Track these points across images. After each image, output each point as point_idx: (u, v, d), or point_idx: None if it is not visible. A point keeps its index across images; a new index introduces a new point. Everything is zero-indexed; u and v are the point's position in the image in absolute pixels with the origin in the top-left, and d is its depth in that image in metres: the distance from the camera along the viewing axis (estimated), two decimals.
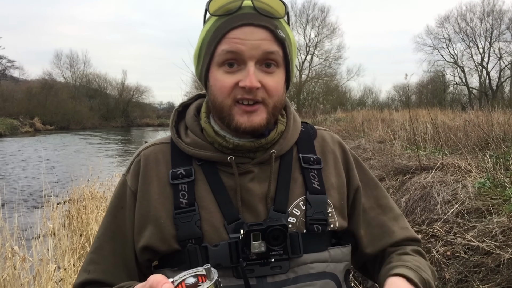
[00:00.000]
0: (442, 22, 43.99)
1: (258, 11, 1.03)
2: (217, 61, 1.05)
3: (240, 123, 1.05)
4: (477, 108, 15.81)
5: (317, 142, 1.22)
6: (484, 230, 4.21)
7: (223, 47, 1.03)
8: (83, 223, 6.16)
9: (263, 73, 1.04)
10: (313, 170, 1.15)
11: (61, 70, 65.41)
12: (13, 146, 25.99)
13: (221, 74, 1.05)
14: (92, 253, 1.13)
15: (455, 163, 6.43)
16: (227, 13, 1.04)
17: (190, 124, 1.17)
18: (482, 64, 42.54)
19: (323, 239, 1.10)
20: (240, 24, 1.02)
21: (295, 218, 1.08)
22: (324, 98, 40.92)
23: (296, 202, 1.10)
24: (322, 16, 43.44)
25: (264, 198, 1.08)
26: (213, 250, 1.02)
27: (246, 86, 1.01)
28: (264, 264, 1.02)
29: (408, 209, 5.52)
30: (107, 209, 1.17)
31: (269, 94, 1.05)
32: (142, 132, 45.38)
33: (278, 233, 0.99)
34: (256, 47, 1.01)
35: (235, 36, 1.02)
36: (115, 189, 1.18)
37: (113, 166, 14.27)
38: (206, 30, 1.08)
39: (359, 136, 13.31)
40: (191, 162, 1.12)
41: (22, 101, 49.28)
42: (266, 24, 1.03)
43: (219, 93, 1.05)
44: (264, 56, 1.03)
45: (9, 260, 3.86)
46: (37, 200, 9.53)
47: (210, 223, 1.05)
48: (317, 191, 1.12)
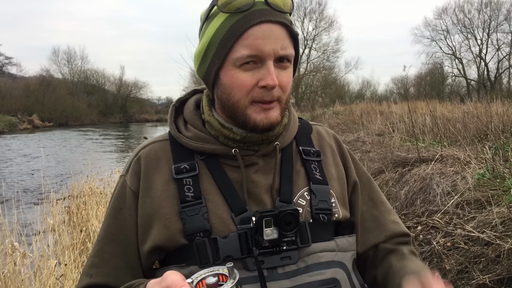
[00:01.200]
0: (440, 13, 43.98)
1: (272, 7, 1.00)
2: (234, 60, 1.01)
3: (258, 121, 1.04)
4: (476, 99, 15.81)
5: (314, 136, 1.23)
6: (484, 221, 4.22)
7: (242, 51, 0.99)
8: (83, 218, 6.16)
9: (279, 70, 1.03)
10: (314, 162, 1.16)
11: (58, 66, 65.38)
12: (12, 143, 25.97)
13: (239, 73, 1.01)
14: (93, 257, 1.11)
15: (454, 154, 6.44)
16: (239, 9, 1.00)
17: (190, 118, 1.15)
18: (480, 55, 42.55)
19: (329, 228, 1.11)
20: (259, 21, 0.99)
21: (301, 208, 1.08)
22: (323, 92, 40.89)
23: (300, 193, 1.10)
24: (320, 9, 43.38)
25: (269, 189, 1.08)
26: (222, 241, 1.01)
27: (268, 85, 0.99)
28: (275, 252, 1.01)
29: (408, 201, 5.52)
30: (107, 211, 1.14)
31: (283, 90, 1.04)
32: (141, 128, 45.36)
33: (290, 217, 0.99)
34: (274, 46, 0.99)
35: (254, 34, 0.99)
36: (114, 190, 1.16)
37: (112, 161, 14.27)
38: (217, 28, 1.03)
39: (358, 129, 13.31)
40: (193, 157, 1.11)
41: (20, 98, 49.16)
42: (282, 20, 1.01)
43: (237, 92, 1.03)
44: (281, 55, 1.01)
45: (9, 256, 3.86)
46: (37, 196, 9.53)
47: (217, 216, 1.04)
48: (320, 181, 1.13)
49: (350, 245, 1.14)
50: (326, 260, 1.06)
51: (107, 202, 7.10)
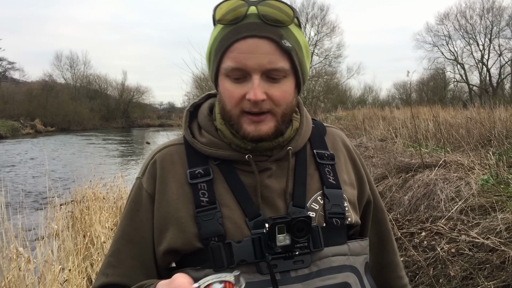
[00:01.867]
0: (441, 19, 43.97)
1: (263, 20, 1.01)
2: (224, 72, 1.04)
3: (248, 132, 1.05)
4: (478, 105, 15.79)
5: (328, 139, 1.24)
6: (489, 227, 4.21)
7: (229, 62, 1.02)
8: (86, 224, 6.17)
9: (269, 84, 1.03)
10: (328, 166, 1.17)
11: (61, 71, 65.57)
12: (14, 147, 26.01)
13: (229, 84, 1.04)
14: (109, 257, 1.13)
15: (457, 160, 6.43)
16: (232, 21, 1.02)
17: (204, 124, 1.17)
18: (482, 61, 42.52)
19: (341, 232, 1.12)
20: (244, 36, 1.00)
21: (314, 212, 1.09)
22: (325, 97, 40.84)
23: (314, 197, 1.11)
24: (322, 15, 43.39)
25: (282, 194, 1.09)
26: (237, 246, 1.02)
27: (250, 99, 1.01)
28: (288, 258, 1.02)
29: (412, 206, 5.52)
30: (123, 213, 1.16)
31: (275, 103, 1.04)
32: (143, 133, 45.36)
33: (302, 225, 1.00)
34: (260, 61, 1.00)
35: (239, 49, 1.00)
36: (130, 192, 1.18)
37: (115, 166, 14.28)
38: (214, 37, 1.07)
39: (361, 134, 13.30)
40: (208, 162, 1.12)
41: (23, 103, 49.30)
42: (270, 36, 1.00)
43: (228, 102, 1.06)
44: (268, 70, 1.01)
45: (14, 261, 3.87)
46: (40, 201, 9.54)
47: (231, 220, 1.06)
48: (333, 185, 1.14)
49: (362, 249, 1.15)
50: (338, 264, 1.07)
51: (110, 207, 7.13)
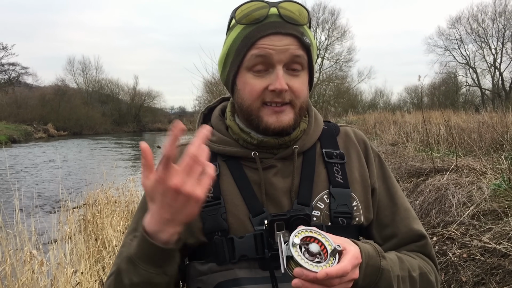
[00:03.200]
0: (453, 23, 43.71)
1: (284, 19, 1.06)
2: (247, 65, 1.08)
3: (269, 123, 1.08)
4: (491, 109, 15.65)
5: (340, 138, 1.25)
6: (501, 232, 4.18)
7: (253, 52, 1.06)
8: (98, 227, 6.22)
9: (290, 76, 1.08)
10: (336, 165, 1.18)
11: (73, 76, 66.19)
12: (28, 151, 26.29)
13: (250, 78, 1.08)
14: (122, 247, 1.14)
15: (469, 165, 6.39)
16: (254, 21, 1.07)
17: (215, 124, 1.22)
18: (495, 65, 42.15)
19: (348, 232, 1.11)
20: (269, 32, 1.05)
21: (319, 211, 1.10)
22: (335, 101, 40.78)
23: (320, 196, 1.12)
24: (332, 19, 43.35)
25: (288, 192, 1.11)
26: (239, 241, 1.05)
27: (276, 89, 1.04)
28: None
29: (423, 211, 5.49)
30: (136, 212, 1.20)
31: (295, 95, 1.08)
32: (154, 137, 45.57)
33: (301, 222, 1.01)
34: (284, 51, 1.05)
35: (264, 43, 1.06)
36: None
37: (127, 170, 14.35)
38: (234, 38, 1.11)
39: (372, 138, 13.27)
40: (216, 159, 1.15)
41: (36, 107, 49.87)
42: (293, 32, 1.06)
43: (248, 96, 1.09)
44: (291, 59, 1.06)
45: (27, 264, 3.92)
46: (53, 204, 9.64)
47: (235, 216, 1.08)
48: (341, 184, 1.14)
49: None
50: None
51: (122, 211, 7.18)
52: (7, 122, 41.57)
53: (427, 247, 1.20)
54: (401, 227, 1.20)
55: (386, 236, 1.20)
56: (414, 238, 1.20)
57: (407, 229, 1.20)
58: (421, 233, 1.21)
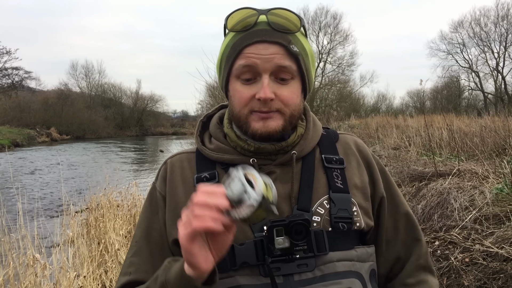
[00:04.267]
0: (456, 27, 43.72)
1: (273, 27, 1.07)
2: (235, 74, 1.10)
3: (256, 128, 1.09)
4: (493, 113, 15.63)
5: (340, 145, 1.25)
6: (503, 236, 4.17)
7: (239, 62, 1.08)
8: (100, 231, 6.23)
9: (278, 84, 1.08)
10: (336, 170, 1.18)
11: (76, 80, 66.60)
12: (30, 155, 26.35)
13: (239, 86, 1.10)
14: (131, 257, 1.16)
15: (471, 169, 6.39)
16: (243, 29, 1.09)
17: (213, 131, 1.23)
18: (497, 68, 42.09)
19: (349, 237, 1.12)
20: (255, 41, 1.07)
21: (319, 217, 1.10)
22: (338, 105, 40.69)
23: (320, 201, 1.12)
24: (335, 23, 43.42)
25: (287, 198, 1.11)
26: (239, 248, 1.05)
27: (261, 98, 1.06)
28: (289, 260, 1.04)
29: (425, 215, 5.48)
30: (141, 216, 1.21)
31: (284, 103, 1.09)
32: (157, 141, 45.68)
33: (300, 227, 1.02)
34: (269, 60, 1.06)
35: (249, 51, 1.07)
36: (147, 197, 1.23)
37: (130, 174, 14.39)
38: (225, 45, 1.13)
39: (374, 142, 13.25)
40: (215, 167, 1.17)
41: (39, 111, 50.08)
42: (279, 40, 1.07)
43: (237, 103, 1.11)
44: (277, 69, 1.07)
45: (30, 267, 3.93)
46: (56, 208, 9.66)
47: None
48: (341, 190, 1.15)
49: (368, 255, 1.15)
50: (343, 269, 1.07)
51: (124, 215, 7.19)
52: (10, 126, 41.74)
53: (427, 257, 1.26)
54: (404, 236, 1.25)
55: (389, 244, 1.24)
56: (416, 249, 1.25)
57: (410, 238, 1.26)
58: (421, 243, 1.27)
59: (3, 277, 3.88)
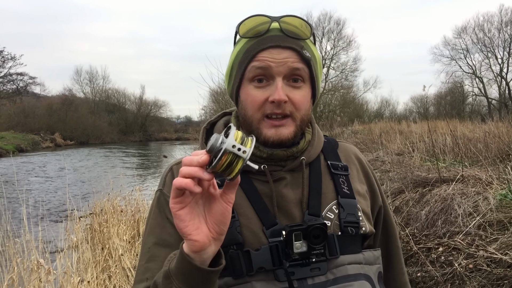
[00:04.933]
0: (459, 32, 43.66)
1: (285, 33, 1.10)
2: (248, 77, 1.11)
3: (268, 136, 1.11)
4: (497, 119, 15.59)
5: (341, 152, 1.29)
6: (507, 242, 4.16)
7: (253, 64, 1.10)
8: (104, 236, 6.24)
9: (290, 88, 1.10)
10: (342, 176, 1.21)
11: (81, 86, 66.81)
12: (35, 161, 26.43)
13: (252, 89, 1.11)
14: (146, 263, 1.14)
15: (475, 175, 6.37)
16: (256, 35, 1.11)
17: None
18: (501, 74, 42.01)
19: (356, 241, 1.15)
20: (269, 46, 1.09)
21: (329, 221, 1.12)
22: (341, 111, 40.63)
23: (329, 206, 1.15)
24: (338, 29, 43.40)
25: (298, 203, 1.13)
26: (255, 254, 1.06)
27: (275, 99, 1.07)
28: (305, 264, 1.05)
29: (429, 221, 5.47)
30: (151, 223, 1.19)
31: (296, 107, 1.11)
32: (160, 146, 45.74)
33: (318, 231, 1.04)
34: (283, 63, 1.08)
35: (264, 55, 1.09)
36: (153, 203, 1.21)
37: (133, 179, 14.42)
38: (237, 51, 1.15)
39: (377, 148, 13.23)
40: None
41: (43, 117, 50.29)
42: (292, 46, 1.09)
43: (250, 107, 1.12)
44: (290, 72, 1.09)
45: (34, 272, 3.95)
46: (60, 213, 9.69)
47: (249, 229, 1.09)
48: (348, 195, 1.18)
49: (375, 258, 1.18)
50: (353, 272, 1.10)
51: (128, 220, 7.20)
52: (15, 131, 41.91)
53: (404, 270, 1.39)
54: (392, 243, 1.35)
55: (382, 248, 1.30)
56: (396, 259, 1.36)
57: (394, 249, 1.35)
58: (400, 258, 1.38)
59: (8, 281, 3.90)
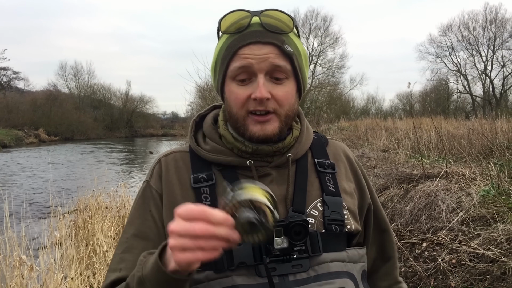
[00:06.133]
0: (444, 30, 44.07)
1: (266, 28, 1.09)
2: (230, 75, 1.11)
3: (253, 132, 1.10)
4: (481, 116, 15.80)
5: (329, 149, 1.28)
6: (489, 238, 4.22)
7: (235, 63, 1.09)
8: (88, 233, 6.20)
9: (273, 84, 1.09)
10: (328, 174, 1.20)
11: (65, 81, 66.12)
12: (18, 156, 26.10)
13: (234, 87, 1.11)
14: (122, 253, 1.13)
15: (459, 171, 6.44)
16: (237, 31, 1.10)
17: (208, 132, 1.22)
18: (485, 72, 42.54)
19: (341, 239, 1.14)
20: (249, 42, 1.08)
21: (314, 219, 1.12)
22: (328, 107, 40.81)
23: (313, 204, 1.14)
24: (325, 26, 43.56)
25: (283, 199, 1.12)
26: (237, 249, 1.05)
27: (257, 97, 1.06)
28: (286, 261, 1.05)
29: (413, 217, 5.53)
30: (133, 213, 1.18)
31: (279, 104, 1.10)
32: (146, 142, 45.48)
33: (299, 228, 1.04)
34: (264, 60, 1.07)
35: (244, 52, 1.08)
36: (139, 194, 1.21)
37: (118, 176, 14.30)
38: (220, 47, 1.14)
39: (363, 145, 13.31)
40: (211, 168, 1.16)
41: (27, 112, 49.62)
42: (272, 41, 1.08)
43: (234, 104, 1.11)
44: (272, 68, 1.08)
45: (17, 269, 3.90)
46: (44, 210, 9.58)
47: None
48: (333, 193, 1.17)
49: (360, 257, 1.18)
50: (336, 270, 1.09)
51: (113, 217, 7.15)
52: None
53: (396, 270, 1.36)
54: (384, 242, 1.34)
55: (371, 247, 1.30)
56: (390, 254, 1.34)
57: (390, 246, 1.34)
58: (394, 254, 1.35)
59: None
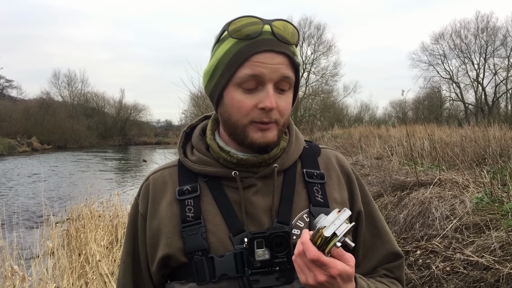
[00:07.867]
0: (437, 38, 44.38)
1: (277, 38, 1.07)
2: (237, 82, 1.08)
3: (255, 139, 1.09)
4: (474, 123, 15.90)
5: (321, 159, 1.26)
6: (483, 245, 4.23)
7: (246, 71, 1.06)
8: (81, 242, 6.14)
9: (278, 95, 1.09)
10: (317, 184, 1.18)
11: (59, 89, 65.80)
12: (11, 165, 25.93)
13: (239, 95, 1.08)
14: (122, 278, 1.21)
15: (452, 178, 6.46)
16: (247, 37, 1.07)
17: (195, 143, 1.22)
18: (478, 80, 42.83)
19: None
20: (263, 49, 1.06)
21: (299, 230, 1.11)
22: (321, 115, 40.89)
23: (300, 215, 1.13)
24: (318, 34, 43.71)
25: (268, 210, 1.12)
26: (219, 260, 1.05)
27: (266, 107, 1.05)
28: (268, 272, 1.04)
29: (407, 225, 5.53)
30: (126, 235, 1.25)
31: (281, 114, 1.10)
32: (140, 151, 45.34)
33: (280, 239, 1.02)
34: (276, 70, 1.06)
35: (257, 60, 1.06)
36: (130, 215, 1.25)
37: (112, 184, 14.24)
38: (225, 51, 1.10)
39: (357, 152, 13.34)
40: (197, 179, 1.16)
41: (20, 121, 49.31)
42: (285, 51, 1.07)
43: (236, 112, 1.09)
44: (280, 79, 1.07)
45: (8, 279, 3.86)
46: (36, 219, 9.50)
47: (215, 235, 1.09)
48: (321, 204, 1.15)
49: None
50: None
51: (106, 226, 7.10)
52: None
53: (400, 268, 1.25)
54: (381, 250, 1.25)
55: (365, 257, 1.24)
56: (391, 259, 1.25)
57: (387, 252, 1.25)
58: (399, 253, 1.26)
59: None
